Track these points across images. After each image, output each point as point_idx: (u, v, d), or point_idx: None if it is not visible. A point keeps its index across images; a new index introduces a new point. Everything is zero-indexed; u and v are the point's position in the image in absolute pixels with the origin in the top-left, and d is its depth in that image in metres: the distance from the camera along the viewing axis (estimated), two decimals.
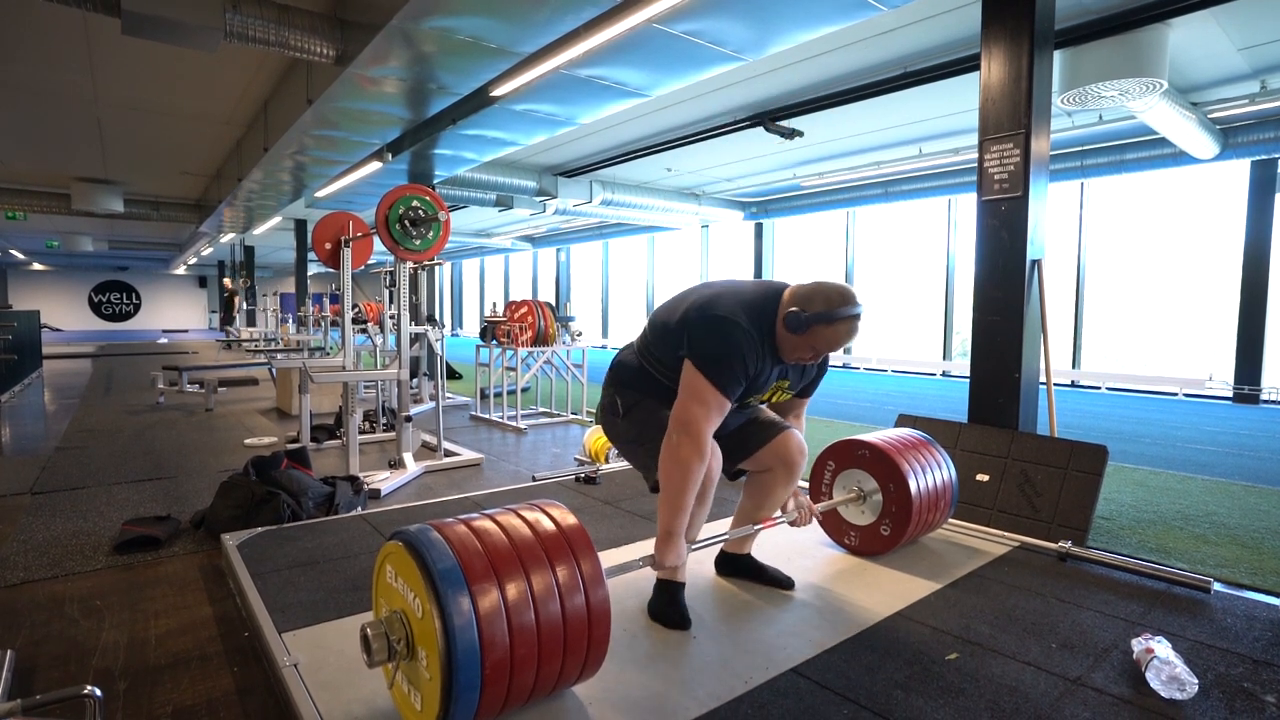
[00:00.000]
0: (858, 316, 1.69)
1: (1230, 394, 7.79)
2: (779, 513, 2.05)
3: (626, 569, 1.68)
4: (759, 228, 12.32)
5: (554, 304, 6.28)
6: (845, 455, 2.34)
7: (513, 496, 3.16)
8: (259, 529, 2.57)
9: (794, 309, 1.70)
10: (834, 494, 2.38)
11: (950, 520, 2.73)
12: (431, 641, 1.17)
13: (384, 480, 3.51)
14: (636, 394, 1.90)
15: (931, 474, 2.26)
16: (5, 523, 2.90)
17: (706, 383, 1.67)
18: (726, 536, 2.02)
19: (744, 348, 1.68)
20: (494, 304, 6.67)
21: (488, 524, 1.34)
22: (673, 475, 1.66)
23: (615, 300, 16.48)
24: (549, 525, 1.38)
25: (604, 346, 14.47)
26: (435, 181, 7.66)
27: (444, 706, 1.17)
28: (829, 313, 1.67)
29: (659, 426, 1.76)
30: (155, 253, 20.26)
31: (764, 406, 2.05)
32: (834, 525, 2.39)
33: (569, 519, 1.41)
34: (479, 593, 1.20)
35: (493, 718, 1.27)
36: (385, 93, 4.61)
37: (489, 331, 6.13)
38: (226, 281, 15.98)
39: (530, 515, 1.40)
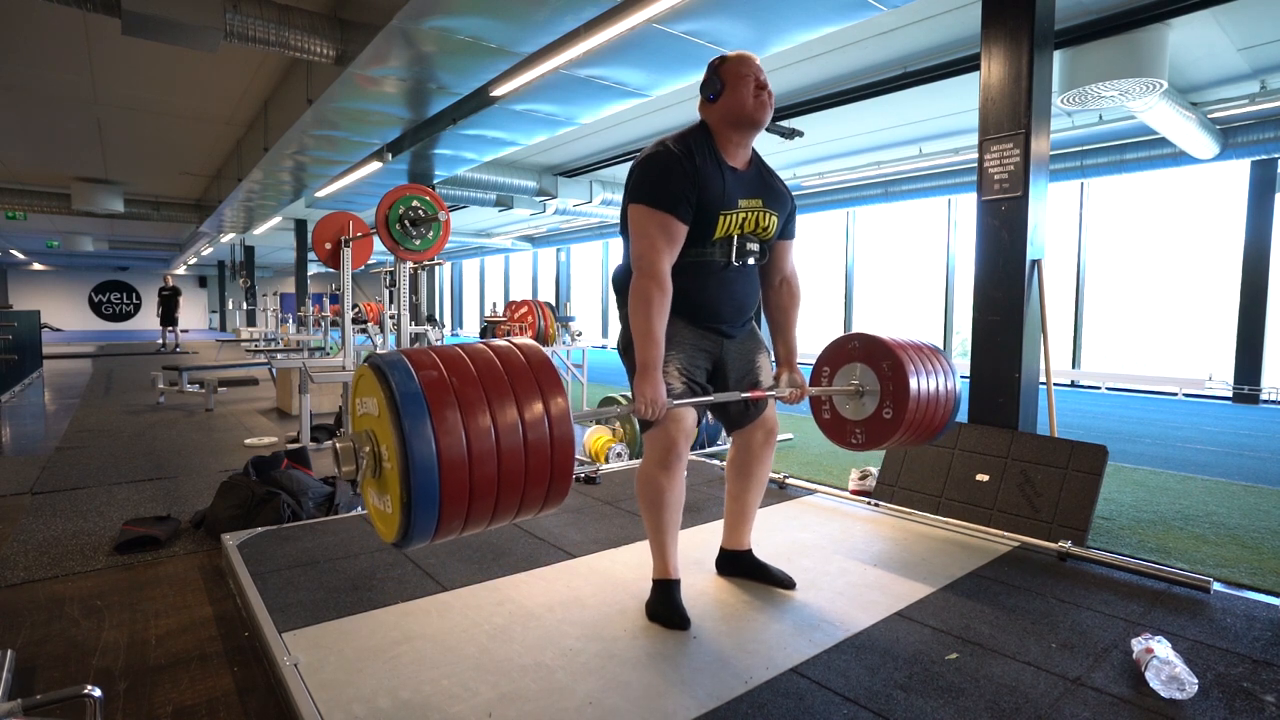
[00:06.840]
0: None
1: (1230, 394, 7.79)
2: (773, 389, 1.99)
3: (603, 415, 1.76)
4: None
5: (554, 304, 6.29)
6: (837, 354, 2.26)
7: None
8: (259, 529, 2.57)
9: (703, 89, 1.86)
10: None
11: (950, 520, 2.73)
12: (394, 461, 1.22)
13: None
14: (626, 309, 1.93)
15: (922, 355, 2.19)
16: (5, 523, 2.90)
17: (643, 208, 1.75)
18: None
19: (667, 161, 1.76)
20: (494, 304, 6.67)
21: (457, 354, 1.35)
22: (637, 311, 1.74)
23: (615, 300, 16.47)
24: (520, 359, 1.38)
25: (604, 346, 14.47)
26: (435, 181, 7.66)
27: (404, 525, 1.23)
28: (720, 57, 1.86)
29: None
30: (155, 253, 20.28)
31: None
32: (839, 431, 2.32)
33: (540, 355, 1.41)
34: (440, 418, 1.23)
35: (457, 535, 1.33)
36: (385, 93, 4.61)
37: (489, 331, 6.12)
38: (167, 276, 14.44)
39: (502, 348, 1.40)
